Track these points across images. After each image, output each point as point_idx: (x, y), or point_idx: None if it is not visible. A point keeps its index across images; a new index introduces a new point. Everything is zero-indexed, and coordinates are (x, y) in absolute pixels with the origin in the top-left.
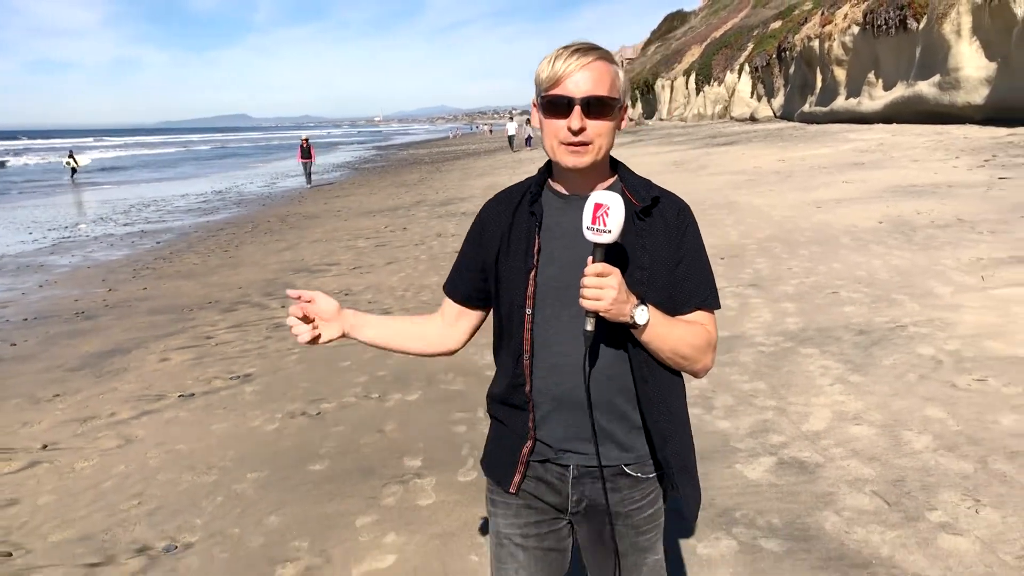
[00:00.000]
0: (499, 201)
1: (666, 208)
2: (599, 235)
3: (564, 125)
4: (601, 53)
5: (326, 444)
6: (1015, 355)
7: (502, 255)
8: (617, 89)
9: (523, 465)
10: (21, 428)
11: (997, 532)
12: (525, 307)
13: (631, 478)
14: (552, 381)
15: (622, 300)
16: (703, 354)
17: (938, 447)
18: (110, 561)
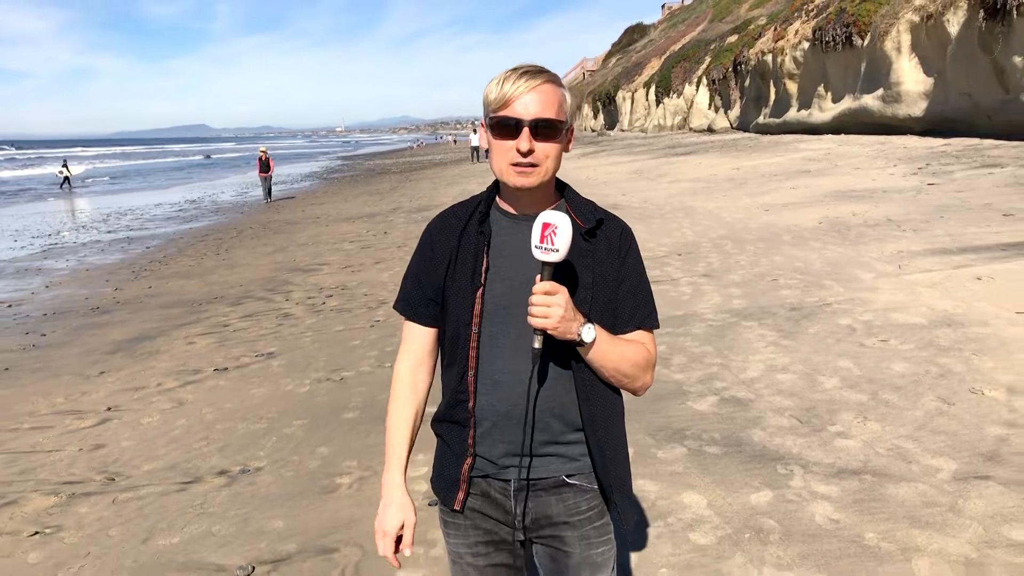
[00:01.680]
0: (446, 218)
1: (610, 230)
2: (547, 254)
3: (513, 146)
4: (549, 76)
5: (353, 399)
6: (913, 323)
7: (450, 273)
8: (564, 112)
9: (465, 482)
10: (82, 396)
11: (876, 436)
12: (471, 325)
13: (575, 488)
14: (495, 398)
15: (569, 318)
16: (643, 372)
17: (843, 386)
18: (198, 481)
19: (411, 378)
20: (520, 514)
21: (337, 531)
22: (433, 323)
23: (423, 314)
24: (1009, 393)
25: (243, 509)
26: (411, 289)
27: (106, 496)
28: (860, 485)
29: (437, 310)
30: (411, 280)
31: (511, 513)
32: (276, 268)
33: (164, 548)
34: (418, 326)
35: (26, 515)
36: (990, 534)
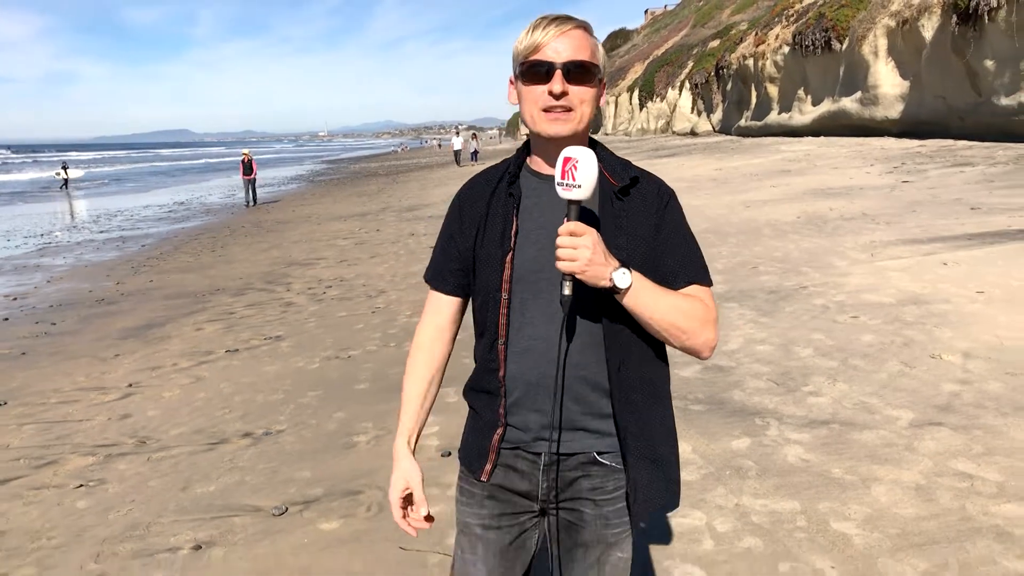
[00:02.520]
0: (475, 184)
1: (646, 189)
2: (569, 190)
3: (545, 90)
4: (579, 23)
5: (363, 374)
6: (882, 302)
7: (479, 239)
8: (597, 57)
9: (494, 453)
10: (102, 375)
11: (844, 394)
12: (501, 291)
13: (604, 467)
14: (526, 366)
15: (599, 262)
16: (703, 325)
17: (815, 354)
18: (224, 442)
19: (429, 346)
20: (545, 488)
21: (359, 478)
22: (457, 292)
23: (448, 282)
24: (964, 357)
25: (270, 463)
26: (437, 258)
27: (140, 456)
28: (828, 432)
29: (462, 279)
30: (438, 249)
31: (536, 487)
32: (273, 263)
33: (202, 495)
34: (442, 295)
35: (68, 472)
36: (938, 467)
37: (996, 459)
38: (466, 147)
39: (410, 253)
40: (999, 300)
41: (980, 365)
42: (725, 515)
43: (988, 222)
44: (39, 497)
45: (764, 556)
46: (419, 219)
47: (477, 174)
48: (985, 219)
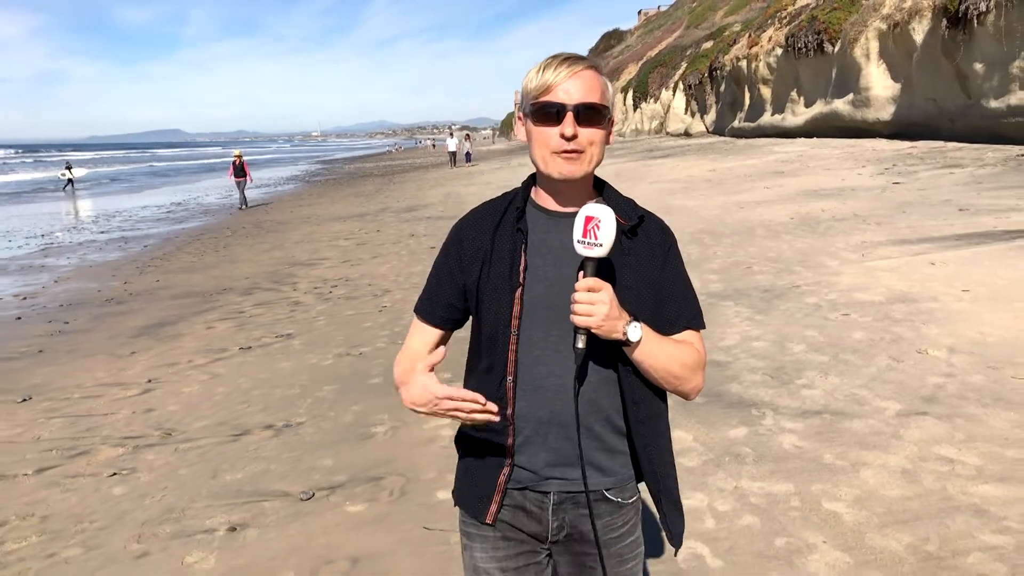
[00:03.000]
0: (477, 217)
1: (650, 228)
2: (590, 248)
3: (556, 132)
4: (590, 62)
5: (375, 369)
6: (871, 300)
7: (484, 274)
8: (607, 99)
9: (500, 494)
10: (120, 372)
11: (836, 386)
12: (510, 327)
13: (612, 503)
14: (536, 403)
15: (615, 316)
16: (694, 373)
17: (809, 349)
18: (247, 433)
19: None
20: (556, 528)
21: (380, 465)
22: (445, 325)
23: (440, 316)
24: (949, 352)
25: (293, 453)
26: (432, 289)
27: (167, 447)
28: (821, 422)
29: (453, 313)
30: (433, 281)
31: (545, 527)
32: (277, 263)
33: (231, 482)
34: (427, 326)
35: (100, 462)
36: (923, 452)
37: (976, 445)
38: (460, 148)
39: (411, 254)
40: (984, 298)
41: (964, 359)
42: (725, 497)
43: (976, 223)
44: (76, 485)
45: (761, 533)
46: (418, 220)
47: (476, 208)
48: (973, 220)
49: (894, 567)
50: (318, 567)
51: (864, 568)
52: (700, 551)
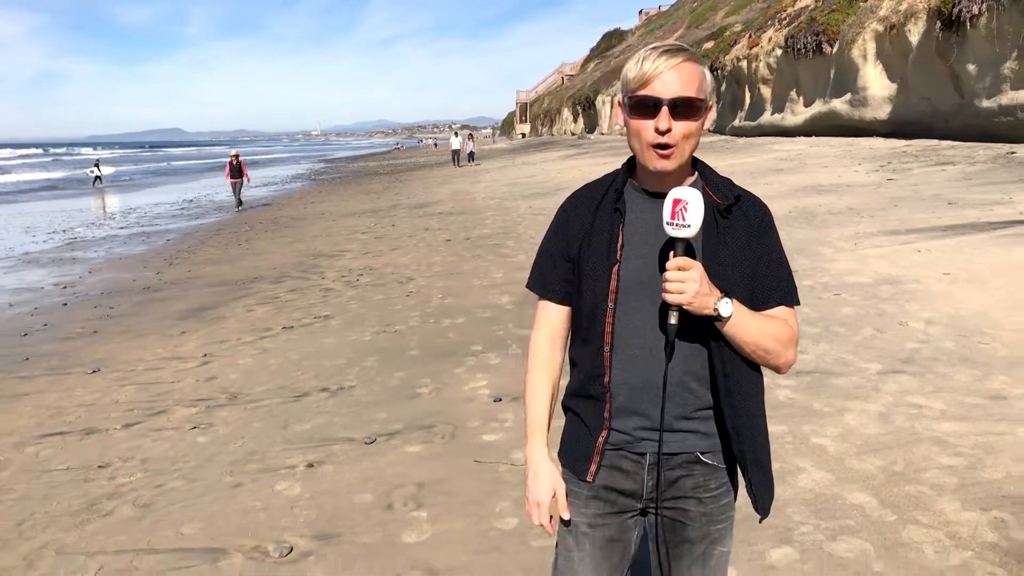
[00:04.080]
0: (581, 196)
1: (748, 207)
2: (678, 230)
3: (651, 126)
4: (689, 54)
5: (412, 343)
6: (860, 283)
7: (584, 249)
8: (704, 90)
9: (599, 454)
10: (176, 348)
11: (825, 352)
12: (607, 300)
13: (707, 466)
14: (631, 372)
15: (705, 293)
16: (786, 348)
17: (802, 323)
18: (306, 395)
19: (548, 354)
20: (651, 487)
21: (430, 417)
22: (567, 301)
23: (558, 292)
24: (927, 324)
25: (351, 409)
26: (546, 268)
27: (236, 406)
28: (811, 379)
29: (571, 288)
30: (545, 259)
31: (640, 486)
32: (301, 255)
33: (301, 431)
34: (553, 304)
35: (179, 419)
36: (897, 401)
37: (942, 394)
38: (464, 148)
39: (428, 246)
40: (962, 280)
41: (939, 329)
42: None
43: (962, 215)
44: (163, 436)
45: None
46: (431, 215)
47: (581, 188)
48: (959, 212)
49: (866, 481)
50: (390, 490)
51: (843, 483)
52: None
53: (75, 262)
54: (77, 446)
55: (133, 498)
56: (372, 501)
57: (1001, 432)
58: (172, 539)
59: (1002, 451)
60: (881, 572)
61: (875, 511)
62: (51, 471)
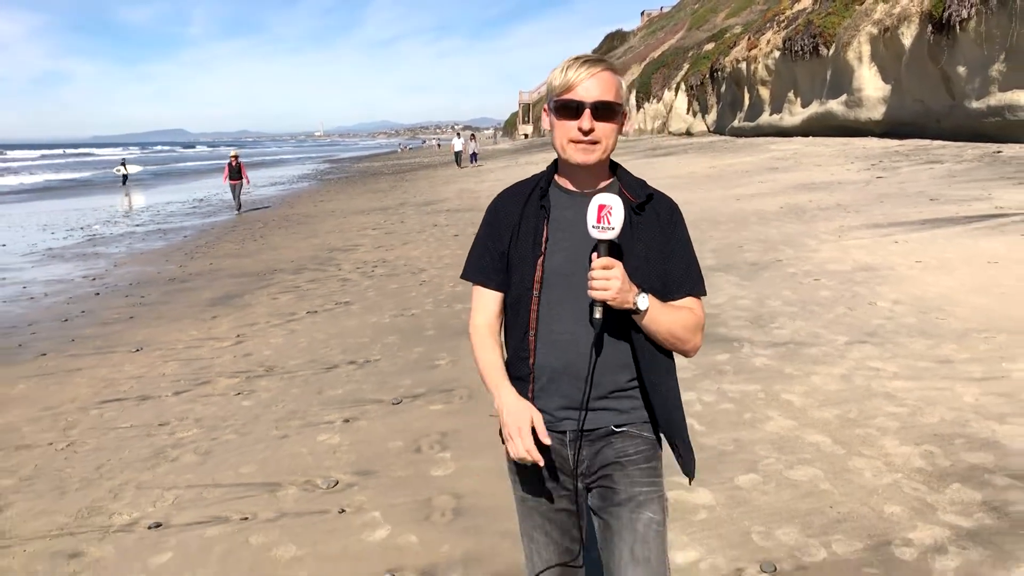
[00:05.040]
0: (510, 194)
1: (659, 205)
2: (603, 232)
3: (575, 126)
4: (607, 64)
5: (428, 324)
6: (840, 269)
7: (513, 243)
8: (621, 96)
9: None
10: (210, 330)
11: (800, 327)
12: (533, 290)
13: (624, 434)
14: (553, 356)
15: (626, 289)
16: (693, 335)
17: (782, 304)
18: (335, 368)
19: (488, 329)
20: (576, 461)
21: (449, 382)
22: (499, 287)
23: (493, 279)
24: (893, 303)
25: (378, 377)
26: (479, 257)
27: (273, 377)
28: (786, 350)
29: (502, 276)
30: (479, 249)
31: (568, 461)
32: (316, 249)
33: (335, 396)
34: (487, 290)
35: (223, 387)
36: (858, 365)
37: (898, 360)
38: (466, 148)
39: (438, 240)
40: (932, 268)
41: (903, 308)
42: (710, 393)
43: (941, 210)
44: (211, 401)
45: (735, 411)
46: (438, 212)
47: (510, 186)
48: (940, 208)
49: (824, 427)
50: (418, 438)
51: (803, 428)
52: (689, 422)
53: (98, 257)
54: (135, 410)
55: (193, 448)
56: (402, 446)
57: (941, 388)
58: (232, 477)
59: (940, 403)
60: (827, 490)
61: (828, 447)
62: (117, 428)
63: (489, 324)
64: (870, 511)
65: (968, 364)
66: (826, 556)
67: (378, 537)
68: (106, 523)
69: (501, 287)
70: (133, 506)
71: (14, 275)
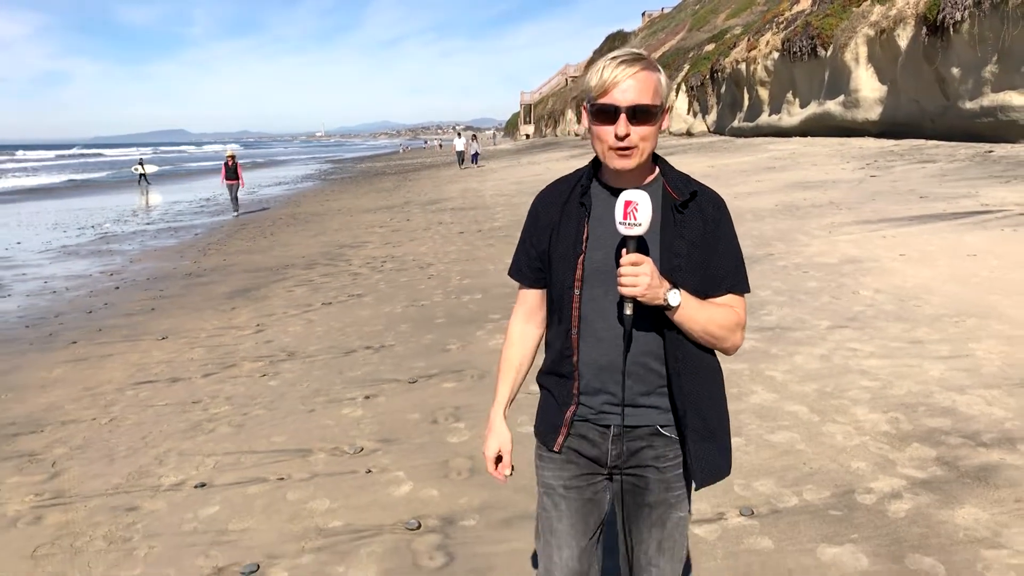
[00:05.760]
0: (550, 192)
1: (704, 201)
2: (630, 228)
3: (612, 131)
4: (646, 63)
5: (438, 314)
6: (828, 262)
7: (554, 241)
8: (660, 96)
9: (566, 427)
10: (230, 320)
11: (788, 313)
12: (574, 288)
13: (665, 438)
14: (597, 353)
15: (655, 285)
16: (732, 333)
17: (772, 293)
18: (353, 352)
19: (521, 332)
20: (615, 455)
21: (459, 364)
22: (540, 285)
23: (531, 278)
24: (875, 292)
25: (393, 361)
26: (520, 257)
27: (296, 361)
28: (772, 333)
29: (538, 274)
30: (520, 249)
31: (605, 453)
32: (326, 246)
33: (355, 376)
34: (528, 289)
35: (249, 370)
36: (838, 346)
37: (875, 341)
38: (468, 149)
39: (443, 237)
40: (914, 260)
41: (884, 296)
42: None
43: (929, 207)
44: (238, 382)
45: None
46: (443, 210)
47: (551, 183)
48: (928, 205)
49: (802, 398)
50: (434, 411)
51: (784, 400)
52: None
53: (113, 254)
54: (168, 390)
55: (227, 421)
56: (420, 418)
57: (911, 365)
58: (266, 445)
59: (909, 377)
60: (802, 450)
61: (805, 416)
62: (154, 406)
63: (526, 318)
64: (838, 467)
65: (938, 344)
66: (797, 502)
67: (403, 492)
68: (155, 483)
69: (536, 284)
70: (178, 470)
71: (34, 271)
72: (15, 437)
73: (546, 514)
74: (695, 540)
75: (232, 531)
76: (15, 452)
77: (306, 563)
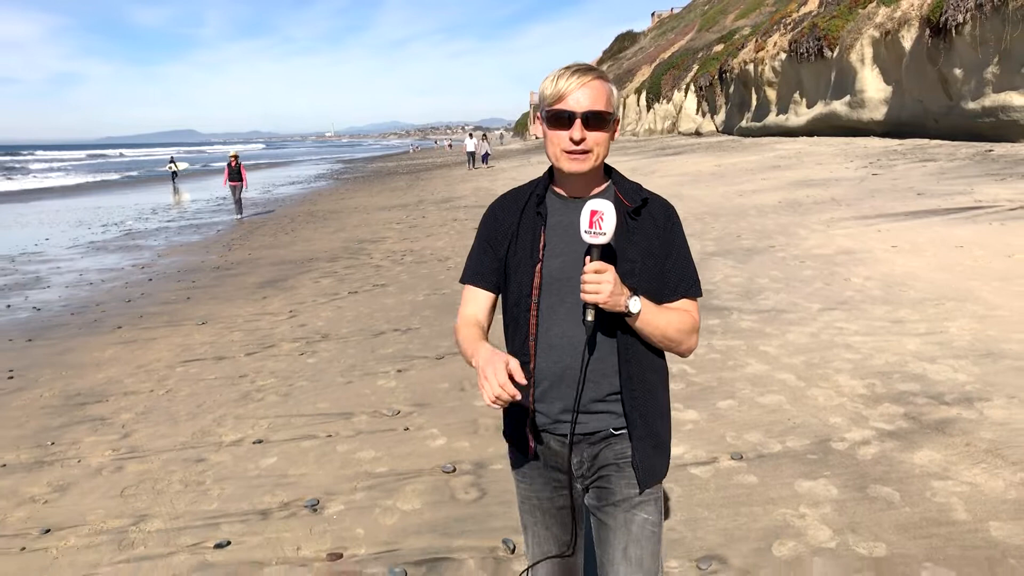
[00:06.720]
0: (507, 200)
1: (654, 208)
2: (595, 237)
3: (567, 136)
4: (598, 73)
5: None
6: (824, 254)
7: (511, 249)
8: (612, 104)
9: (531, 433)
10: (264, 307)
11: (783, 298)
12: (531, 296)
13: (621, 438)
14: (552, 360)
15: (618, 292)
16: (688, 336)
17: (770, 281)
18: (382, 334)
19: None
20: (576, 463)
21: None
22: (492, 289)
23: (485, 280)
24: (864, 279)
25: (421, 341)
26: (476, 262)
27: (330, 342)
28: (768, 315)
29: (496, 279)
30: (475, 252)
31: (565, 461)
32: (346, 241)
33: (386, 354)
34: (479, 290)
35: (287, 350)
36: (827, 326)
37: (861, 321)
38: (478, 149)
39: (459, 233)
40: (905, 251)
41: (873, 283)
42: (701, 347)
43: (926, 203)
44: (279, 360)
45: (720, 360)
46: (457, 208)
47: (507, 193)
48: (925, 201)
49: (791, 369)
50: (461, 380)
51: (775, 370)
52: (681, 367)
53: (140, 249)
54: (215, 367)
55: (274, 391)
56: (449, 387)
57: (891, 340)
58: (312, 409)
59: (887, 351)
60: (788, 409)
61: (792, 382)
62: (204, 380)
63: (475, 315)
64: (818, 421)
65: (916, 323)
66: (780, 449)
67: (438, 444)
68: (217, 440)
69: (493, 289)
70: (236, 430)
71: (68, 264)
72: (83, 405)
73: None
74: (689, 479)
75: (291, 475)
76: (87, 416)
77: (359, 499)
